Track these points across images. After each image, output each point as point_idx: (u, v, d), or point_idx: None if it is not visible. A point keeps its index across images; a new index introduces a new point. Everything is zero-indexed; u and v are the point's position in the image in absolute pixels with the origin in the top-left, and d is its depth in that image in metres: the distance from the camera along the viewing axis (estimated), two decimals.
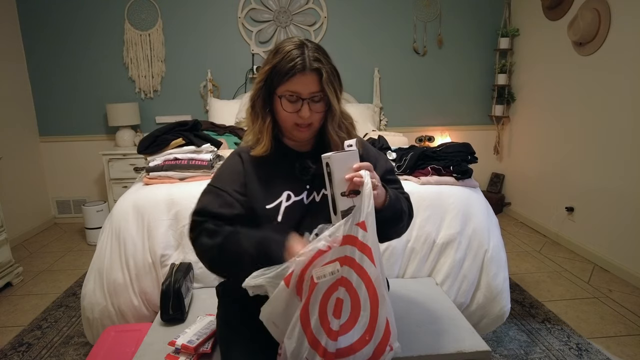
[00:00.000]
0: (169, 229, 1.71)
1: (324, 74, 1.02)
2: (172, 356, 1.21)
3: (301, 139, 1.10)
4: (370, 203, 0.89)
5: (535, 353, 1.85)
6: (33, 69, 3.61)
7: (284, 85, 1.02)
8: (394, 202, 1.05)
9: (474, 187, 1.94)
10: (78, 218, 3.76)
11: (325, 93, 1.03)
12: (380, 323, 0.92)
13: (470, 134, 3.93)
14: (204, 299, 1.56)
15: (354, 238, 0.88)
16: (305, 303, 0.88)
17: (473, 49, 3.85)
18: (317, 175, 1.09)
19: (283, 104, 1.03)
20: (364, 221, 0.87)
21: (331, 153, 0.94)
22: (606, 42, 2.67)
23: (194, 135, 2.13)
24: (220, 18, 3.66)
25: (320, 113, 1.06)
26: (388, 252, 1.73)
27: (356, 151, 0.96)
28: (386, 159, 1.22)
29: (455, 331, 1.33)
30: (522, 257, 2.91)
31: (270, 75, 1.04)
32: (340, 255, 0.89)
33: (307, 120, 1.04)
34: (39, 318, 2.20)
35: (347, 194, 0.92)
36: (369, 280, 0.89)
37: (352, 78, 3.79)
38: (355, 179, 0.91)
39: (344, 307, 0.90)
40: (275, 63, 1.03)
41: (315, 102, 1.04)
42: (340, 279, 0.89)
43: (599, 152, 2.77)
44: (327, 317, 0.89)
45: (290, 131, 1.08)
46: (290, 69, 1.00)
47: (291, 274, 0.88)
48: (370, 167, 0.96)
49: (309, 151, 1.14)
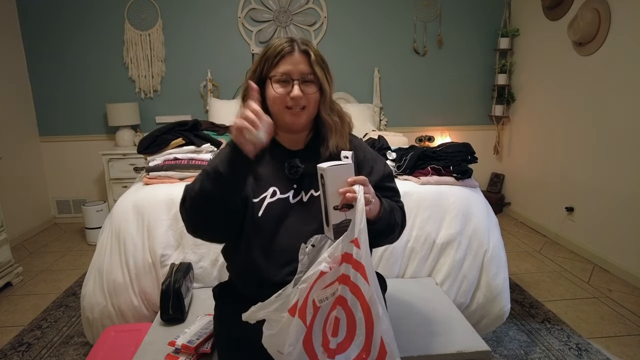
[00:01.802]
0: (169, 228, 1.71)
1: (312, 55, 1.04)
2: (172, 356, 1.21)
3: (295, 124, 1.07)
4: (363, 220, 0.87)
5: (535, 353, 1.85)
6: (33, 69, 3.61)
7: (275, 68, 1.03)
8: (388, 215, 1.04)
9: (474, 187, 1.95)
10: (78, 218, 3.76)
11: (316, 74, 1.03)
12: (375, 342, 0.90)
13: (470, 134, 3.93)
14: (204, 298, 1.56)
15: (349, 255, 0.87)
16: (309, 328, 0.87)
17: (473, 49, 3.85)
18: (306, 175, 1.09)
19: (274, 86, 1.03)
20: (357, 238, 0.86)
21: (326, 165, 0.91)
22: (606, 42, 2.67)
23: (194, 135, 2.13)
24: (221, 18, 3.66)
25: (313, 95, 1.05)
26: (388, 252, 1.73)
27: (351, 164, 0.94)
28: (384, 163, 1.20)
29: (455, 331, 1.33)
30: (522, 257, 2.91)
31: (260, 64, 1.06)
32: (339, 275, 0.88)
33: (299, 102, 1.03)
34: (39, 318, 2.20)
35: (339, 208, 0.91)
36: (363, 298, 0.88)
37: (352, 78, 3.79)
38: (348, 194, 0.90)
39: (341, 326, 0.89)
40: (264, 52, 1.06)
41: (307, 83, 1.04)
42: (337, 298, 0.88)
43: (599, 152, 2.77)
44: (327, 336, 0.88)
45: (283, 117, 1.05)
46: (279, 52, 1.03)
47: (296, 303, 0.86)
48: (365, 180, 0.94)
49: (300, 150, 1.13)
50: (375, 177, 1.13)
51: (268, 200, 1.07)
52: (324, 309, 0.88)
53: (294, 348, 0.88)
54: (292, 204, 1.08)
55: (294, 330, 0.88)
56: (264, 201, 1.07)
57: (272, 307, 0.88)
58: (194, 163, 1.98)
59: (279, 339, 0.89)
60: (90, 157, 3.72)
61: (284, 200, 1.08)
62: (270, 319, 0.90)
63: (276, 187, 1.09)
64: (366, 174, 1.12)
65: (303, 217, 1.07)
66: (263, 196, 1.07)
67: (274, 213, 1.07)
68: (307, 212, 1.07)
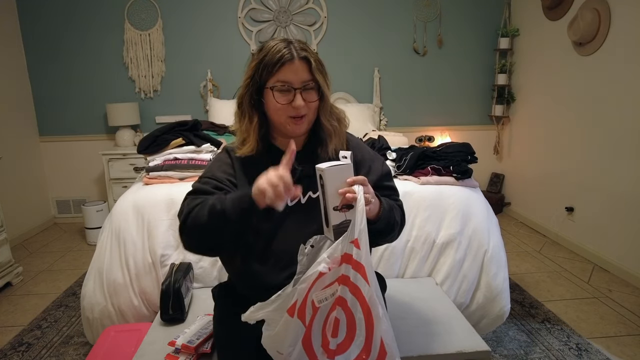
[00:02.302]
0: (168, 228, 1.71)
1: (312, 62, 1.01)
2: (172, 356, 1.21)
3: (297, 132, 1.06)
4: (363, 220, 0.86)
5: (535, 353, 1.85)
6: (33, 69, 3.61)
7: (274, 77, 1.00)
8: (388, 214, 1.04)
9: (473, 187, 1.95)
10: (78, 218, 3.76)
11: (317, 81, 1.02)
12: (375, 343, 0.89)
13: (470, 134, 3.93)
14: (204, 298, 1.56)
15: (349, 256, 0.86)
16: (308, 328, 0.87)
17: (473, 49, 3.85)
18: (304, 177, 1.07)
19: (275, 96, 1.00)
20: (357, 239, 0.85)
21: (325, 165, 0.90)
22: (606, 42, 2.67)
23: (194, 135, 2.13)
24: (220, 18, 3.66)
25: (314, 103, 1.04)
26: (388, 252, 1.73)
27: (350, 164, 0.92)
28: (383, 162, 1.19)
29: (455, 331, 1.33)
30: (522, 257, 2.91)
31: (258, 71, 1.02)
32: (338, 275, 0.87)
33: (301, 111, 1.01)
34: (39, 318, 2.20)
35: (339, 209, 0.90)
36: (363, 299, 0.87)
37: (352, 78, 3.79)
38: (347, 194, 0.88)
39: (341, 326, 0.88)
40: (261, 57, 1.02)
41: (308, 91, 1.02)
42: (337, 299, 0.88)
43: (598, 152, 2.77)
44: (327, 337, 0.88)
45: (285, 125, 1.04)
46: (278, 59, 0.99)
47: (295, 303, 0.86)
48: (365, 180, 0.93)
49: (298, 152, 1.10)
50: (373, 177, 1.12)
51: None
52: (324, 310, 0.88)
53: (294, 348, 0.88)
54: (290, 207, 1.07)
55: (293, 330, 0.87)
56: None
57: (271, 307, 0.88)
58: (194, 163, 1.98)
59: (278, 340, 0.89)
60: (90, 157, 3.72)
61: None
62: (269, 319, 0.89)
63: None
64: (364, 174, 1.11)
65: (302, 219, 1.06)
66: None
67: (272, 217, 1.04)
68: (305, 214, 1.06)
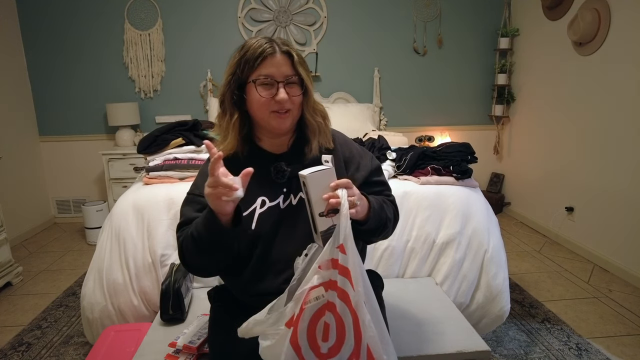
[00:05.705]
0: (168, 228, 1.71)
1: (295, 56, 1.00)
2: (172, 356, 1.21)
3: (281, 128, 1.03)
4: (348, 224, 0.86)
5: (535, 353, 1.85)
6: (33, 69, 3.61)
7: (256, 71, 0.99)
8: (378, 212, 1.02)
9: (473, 187, 1.95)
10: (78, 218, 3.76)
11: (300, 75, 1.01)
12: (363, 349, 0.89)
13: (470, 134, 3.93)
14: (204, 298, 1.55)
15: (336, 261, 0.86)
16: (294, 328, 0.87)
17: (473, 49, 3.85)
18: (293, 178, 1.05)
19: (258, 90, 0.98)
20: (342, 244, 0.85)
21: (307, 171, 0.89)
22: (606, 42, 2.67)
23: (194, 135, 2.13)
24: (220, 18, 3.66)
25: (297, 97, 1.02)
26: (388, 252, 1.73)
27: (332, 168, 0.91)
28: (371, 157, 1.17)
29: (455, 331, 1.33)
30: (522, 257, 2.91)
31: (239, 66, 1.00)
32: (325, 280, 0.87)
33: (285, 105, 0.99)
34: (39, 318, 2.20)
35: (325, 214, 0.89)
36: (350, 303, 0.87)
37: (352, 78, 3.79)
38: (331, 200, 0.87)
39: (331, 331, 0.88)
40: (243, 53, 1.00)
41: (291, 85, 1.01)
42: (326, 304, 0.88)
43: (598, 152, 2.77)
44: (317, 342, 0.88)
45: (268, 121, 1.02)
46: (260, 53, 0.98)
47: (292, 317, 0.86)
48: (349, 183, 0.91)
49: (285, 153, 1.10)
50: (363, 173, 1.11)
51: (259, 211, 1.04)
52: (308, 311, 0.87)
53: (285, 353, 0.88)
54: (282, 210, 1.06)
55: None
56: (254, 213, 1.04)
57: (268, 323, 0.88)
58: (194, 163, 1.98)
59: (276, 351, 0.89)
60: (90, 157, 3.72)
61: (275, 207, 1.06)
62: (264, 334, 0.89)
63: (264, 196, 1.06)
64: (353, 170, 1.11)
65: (295, 221, 1.05)
66: (252, 208, 1.04)
67: (267, 223, 1.04)
68: (298, 214, 1.05)
